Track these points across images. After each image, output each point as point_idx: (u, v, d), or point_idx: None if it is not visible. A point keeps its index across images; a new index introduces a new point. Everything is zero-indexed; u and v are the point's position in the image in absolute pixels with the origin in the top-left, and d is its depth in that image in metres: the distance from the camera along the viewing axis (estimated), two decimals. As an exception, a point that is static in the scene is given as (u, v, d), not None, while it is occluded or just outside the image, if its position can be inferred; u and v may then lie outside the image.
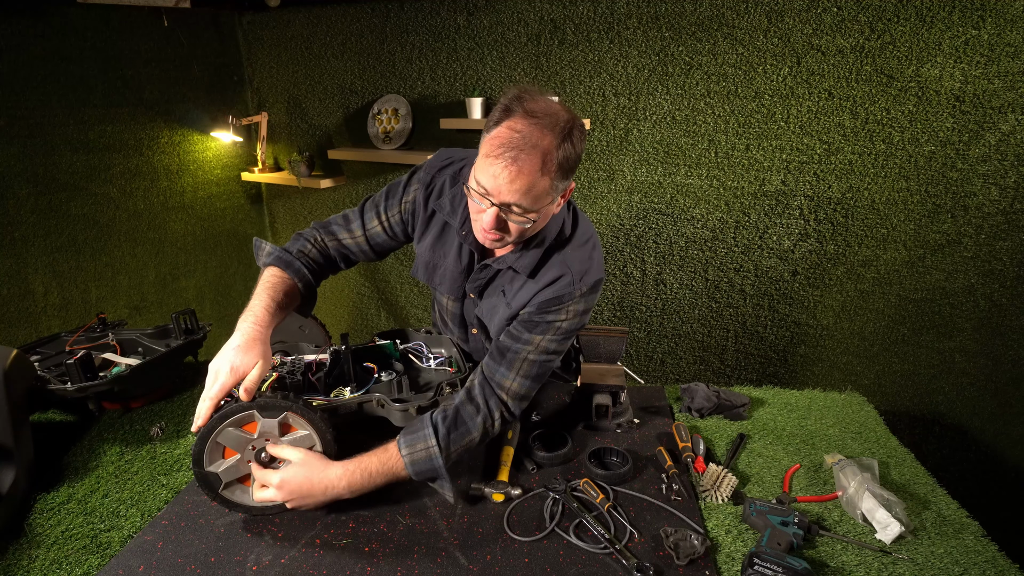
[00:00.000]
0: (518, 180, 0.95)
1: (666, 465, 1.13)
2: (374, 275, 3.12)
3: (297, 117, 3.03)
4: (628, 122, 2.27)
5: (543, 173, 0.96)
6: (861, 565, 0.94)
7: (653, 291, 2.45)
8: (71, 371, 1.27)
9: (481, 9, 2.40)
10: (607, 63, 2.23)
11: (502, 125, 0.97)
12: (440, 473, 1.03)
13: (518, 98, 0.98)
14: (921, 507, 1.07)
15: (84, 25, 2.36)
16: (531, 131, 0.95)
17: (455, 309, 1.33)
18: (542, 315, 1.12)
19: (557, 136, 0.96)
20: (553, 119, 0.97)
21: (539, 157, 0.95)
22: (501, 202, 0.99)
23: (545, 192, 0.99)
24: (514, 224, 1.03)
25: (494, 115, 0.99)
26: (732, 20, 2.01)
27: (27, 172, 2.28)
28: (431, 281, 1.31)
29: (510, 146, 0.95)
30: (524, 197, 0.97)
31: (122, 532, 1.01)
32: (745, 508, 1.02)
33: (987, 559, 0.95)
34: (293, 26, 2.85)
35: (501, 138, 0.96)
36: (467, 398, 1.10)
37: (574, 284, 1.11)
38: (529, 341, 1.12)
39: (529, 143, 0.94)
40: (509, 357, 1.12)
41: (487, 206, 1.00)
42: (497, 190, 0.97)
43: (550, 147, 0.96)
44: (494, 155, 0.96)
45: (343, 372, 1.19)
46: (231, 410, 0.98)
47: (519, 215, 1.00)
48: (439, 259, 1.27)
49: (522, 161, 0.94)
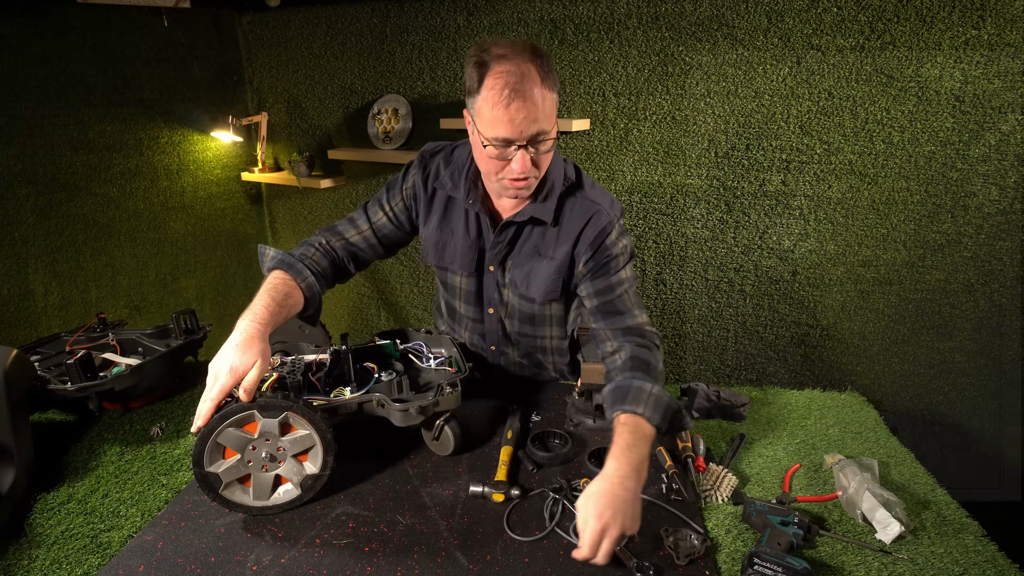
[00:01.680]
0: (535, 108, 1.02)
1: (666, 465, 1.13)
2: (374, 275, 3.12)
3: (297, 117, 3.03)
4: (628, 122, 2.27)
5: (547, 89, 1.04)
6: (861, 565, 0.94)
7: (653, 291, 2.45)
8: (71, 371, 1.27)
9: (481, 9, 2.40)
10: (607, 63, 2.23)
11: (488, 78, 1.03)
12: (674, 405, 1.06)
13: (482, 50, 1.05)
14: (921, 507, 1.07)
15: (84, 25, 2.36)
16: (514, 66, 1.02)
17: (470, 287, 1.34)
18: (602, 254, 1.20)
19: (531, 56, 1.03)
20: (519, 47, 1.04)
21: (536, 80, 1.02)
22: (528, 137, 1.04)
23: (555, 106, 1.07)
24: (543, 156, 1.09)
25: (473, 76, 1.05)
26: (732, 20, 2.01)
27: (27, 172, 2.28)
28: (441, 261, 1.33)
29: (510, 87, 1.01)
30: (544, 120, 1.04)
31: (122, 532, 1.01)
32: (745, 508, 1.02)
33: (987, 559, 0.95)
34: (293, 26, 2.85)
35: (497, 87, 1.01)
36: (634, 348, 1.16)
37: (609, 214, 1.21)
38: (619, 280, 1.21)
39: (522, 75, 1.01)
40: (619, 304, 1.21)
41: (513, 152, 1.06)
42: (519, 131, 1.03)
43: (533, 68, 1.02)
44: (503, 104, 1.01)
45: (343, 372, 1.19)
46: (231, 410, 0.98)
47: (544, 142, 1.07)
48: (447, 237, 1.29)
49: (527, 92, 1.01)
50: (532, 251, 1.25)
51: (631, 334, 1.19)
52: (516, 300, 1.31)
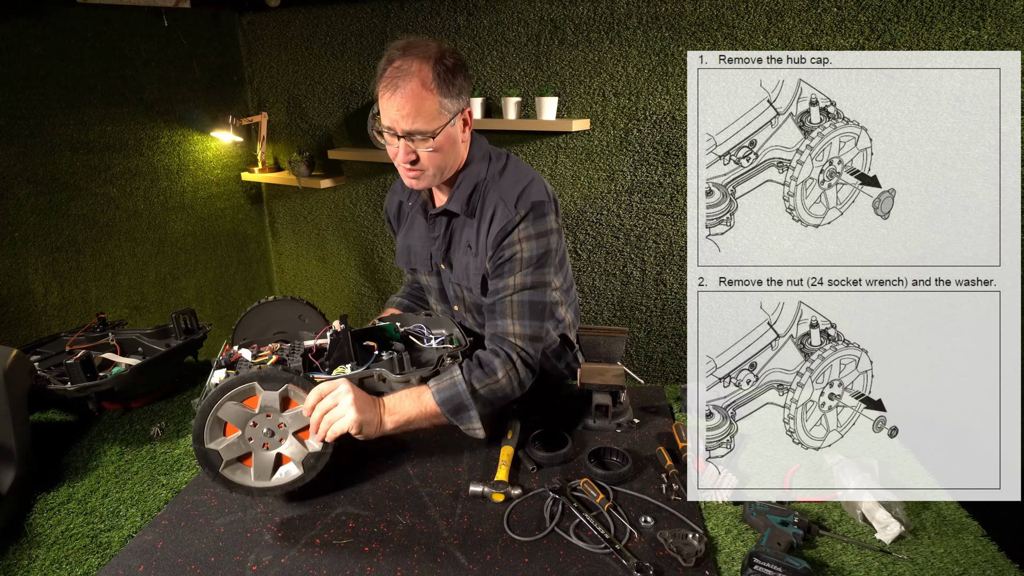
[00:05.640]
0: (407, 104, 1.09)
1: (666, 465, 1.13)
2: (374, 275, 3.12)
3: (297, 117, 3.03)
4: (628, 122, 2.27)
5: (425, 91, 1.10)
6: (861, 565, 0.94)
7: (653, 291, 2.45)
8: (71, 371, 1.27)
9: (481, 9, 2.40)
10: (607, 63, 2.23)
11: (385, 69, 1.12)
12: (465, 400, 1.11)
13: (394, 47, 1.13)
14: (921, 507, 1.07)
15: (84, 25, 2.36)
16: (405, 63, 1.10)
17: (436, 284, 1.41)
18: (500, 253, 1.20)
19: (428, 60, 1.10)
20: (423, 50, 1.11)
21: (417, 80, 1.09)
22: (403, 131, 1.12)
23: (435, 111, 1.12)
24: (423, 152, 1.15)
25: (380, 67, 1.13)
26: (732, 20, 2.01)
27: (27, 172, 2.28)
28: (409, 264, 1.42)
29: (392, 78, 1.10)
30: (418, 119, 1.10)
31: (122, 532, 1.01)
32: (745, 508, 1.02)
33: (987, 559, 0.95)
34: (293, 26, 2.85)
35: (386, 77, 1.11)
36: (484, 348, 1.21)
37: (510, 210, 1.19)
38: (505, 286, 1.21)
39: (406, 72, 1.09)
40: (498, 308, 1.22)
41: (395, 143, 1.14)
42: (395, 120, 1.11)
43: (425, 70, 1.10)
44: (383, 92, 1.11)
45: (344, 355, 1.20)
46: (231, 382, 0.98)
47: (422, 140, 1.13)
48: (411, 241, 1.39)
49: (404, 87, 1.09)
50: (465, 245, 1.28)
51: (495, 340, 1.22)
52: (466, 295, 1.35)
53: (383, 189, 2.92)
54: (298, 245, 3.33)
